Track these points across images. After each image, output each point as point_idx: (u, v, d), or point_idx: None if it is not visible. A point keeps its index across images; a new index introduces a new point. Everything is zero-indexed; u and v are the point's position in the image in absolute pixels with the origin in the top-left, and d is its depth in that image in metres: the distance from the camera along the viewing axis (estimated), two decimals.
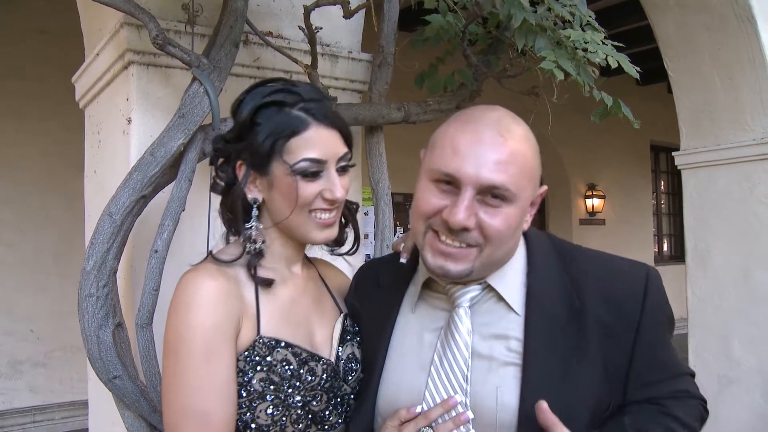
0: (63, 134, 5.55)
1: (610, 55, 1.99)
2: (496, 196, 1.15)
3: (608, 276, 1.26)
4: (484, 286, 1.27)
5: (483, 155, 1.14)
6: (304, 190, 1.30)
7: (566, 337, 1.19)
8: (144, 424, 1.79)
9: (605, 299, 1.22)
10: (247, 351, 1.26)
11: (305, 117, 1.31)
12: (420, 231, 1.22)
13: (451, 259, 1.17)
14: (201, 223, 1.88)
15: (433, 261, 1.19)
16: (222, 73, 1.84)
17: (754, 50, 3.67)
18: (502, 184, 1.13)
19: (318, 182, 1.31)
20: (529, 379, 1.16)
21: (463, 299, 1.26)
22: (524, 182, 1.17)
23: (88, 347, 1.70)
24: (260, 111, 1.32)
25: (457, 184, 1.15)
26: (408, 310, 1.36)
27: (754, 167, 3.75)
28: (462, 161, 1.14)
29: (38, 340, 5.86)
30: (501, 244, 1.18)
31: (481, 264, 1.18)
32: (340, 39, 2.36)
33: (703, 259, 3.98)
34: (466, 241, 1.16)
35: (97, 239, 1.70)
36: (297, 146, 1.30)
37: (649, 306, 1.22)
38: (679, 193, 5.18)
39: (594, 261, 1.30)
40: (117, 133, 2.10)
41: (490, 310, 1.26)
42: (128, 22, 1.91)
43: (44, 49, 5.78)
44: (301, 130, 1.30)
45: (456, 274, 1.19)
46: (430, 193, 1.19)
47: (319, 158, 1.30)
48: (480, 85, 2.31)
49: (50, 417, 5.88)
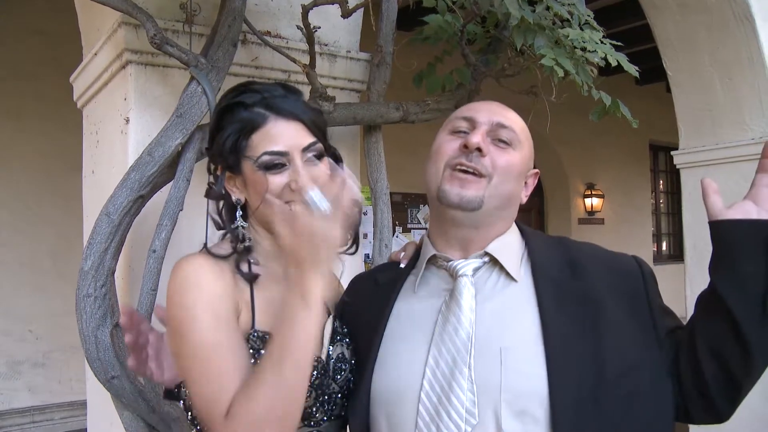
0: (61, 134, 5.53)
1: (609, 54, 1.99)
2: (503, 140, 1.34)
3: (602, 252, 1.41)
4: (485, 259, 1.34)
5: (493, 109, 1.38)
6: (270, 183, 1.33)
7: (574, 295, 1.27)
8: (142, 423, 1.79)
9: (608, 268, 1.33)
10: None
11: (263, 112, 1.35)
12: (439, 170, 1.35)
13: (467, 185, 1.31)
14: (199, 223, 1.87)
15: (450, 188, 1.31)
16: (220, 72, 1.84)
17: (752, 50, 3.67)
18: (509, 125, 1.35)
19: (284, 174, 1.34)
20: (550, 342, 1.21)
21: (465, 269, 1.33)
22: (524, 138, 1.38)
23: (86, 347, 1.70)
24: (224, 114, 1.37)
25: (473, 124, 1.35)
26: (409, 292, 1.41)
27: (752, 167, 3.67)
28: (477, 111, 1.38)
29: (37, 340, 5.86)
30: (507, 178, 1.33)
31: (489, 195, 1.31)
32: (339, 38, 2.35)
33: (701, 259, 3.98)
34: (478, 169, 1.30)
35: (95, 239, 1.70)
36: (258, 141, 1.34)
37: (646, 275, 1.34)
38: (678, 192, 5.20)
39: (587, 245, 1.44)
40: (115, 132, 2.10)
41: (492, 280, 1.33)
42: (126, 22, 1.90)
43: (42, 49, 5.76)
44: (259, 125, 1.34)
45: (471, 198, 1.30)
46: (448, 139, 1.37)
47: (279, 150, 1.33)
48: (478, 85, 2.31)
49: (49, 417, 5.87)
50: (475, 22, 2.27)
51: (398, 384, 1.29)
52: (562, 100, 2.15)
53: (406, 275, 1.45)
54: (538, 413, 1.17)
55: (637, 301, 1.29)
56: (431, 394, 1.23)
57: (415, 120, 2.30)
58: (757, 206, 1.23)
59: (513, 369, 1.20)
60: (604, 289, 1.28)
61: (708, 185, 1.28)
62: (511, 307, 1.29)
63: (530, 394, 1.18)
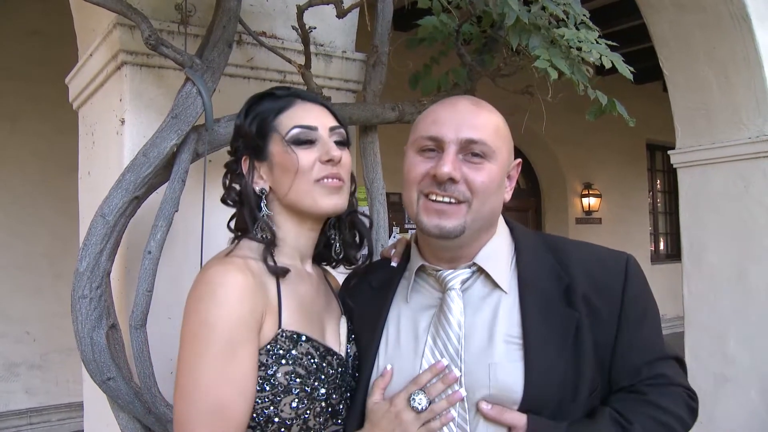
0: (56, 136, 5.53)
1: (604, 54, 1.99)
2: (476, 154, 1.25)
3: (591, 258, 1.34)
4: (474, 269, 1.32)
5: (460, 119, 1.27)
6: (302, 157, 1.34)
7: (559, 311, 1.25)
8: (138, 425, 1.78)
9: (589, 278, 1.28)
10: (269, 344, 1.27)
11: (290, 97, 1.40)
12: (413, 199, 1.29)
13: (445, 216, 1.25)
14: (194, 224, 1.87)
15: (428, 221, 1.26)
16: (215, 73, 1.84)
17: (748, 49, 3.67)
18: (480, 139, 1.25)
19: (314, 149, 1.36)
20: (530, 355, 1.21)
21: (454, 282, 1.31)
22: (499, 143, 1.28)
23: (81, 349, 1.69)
24: (252, 105, 1.42)
25: (440, 145, 1.26)
26: (401, 301, 1.40)
27: (748, 165, 3.76)
28: (442, 126, 1.27)
29: (34, 342, 5.85)
30: (486, 198, 1.26)
31: (472, 219, 1.26)
32: (334, 39, 2.35)
33: (698, 258, 3.99)
34: (455, 196, 1.24)
35: (90, 240, 1.69)
36: (286, 118, 1.37)
37: (630, 288, 1.28)
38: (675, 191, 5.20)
39: (576, 245, 1.39)
40: (110, 133, 2.09)
41: (480, 292, 1.31)
42: (121, 23, 1.90)
43: (37, 51, 5.75)
44: (287, 107, 1.38)
45: (451, 229, 1.25)
46: (416, 162, 1.29)
47: (309, 124, 1.36)
48: (474, 85, 2.31)
49: (47, 419, 5.86)
50: (471, 22, 2.27)
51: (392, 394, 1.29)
52: (558, 99, 2.15)
53: (398, 277, 1.45)
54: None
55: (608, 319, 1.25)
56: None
57: (411, 120, 2.29)
58: None
59: (500, 384, 1.21)
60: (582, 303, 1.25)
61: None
62: (498, 319, 1.27)
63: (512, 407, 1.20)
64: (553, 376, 1.20)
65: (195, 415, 1.19)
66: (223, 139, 1.88)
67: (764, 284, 3.66)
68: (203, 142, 1.85)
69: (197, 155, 1.85)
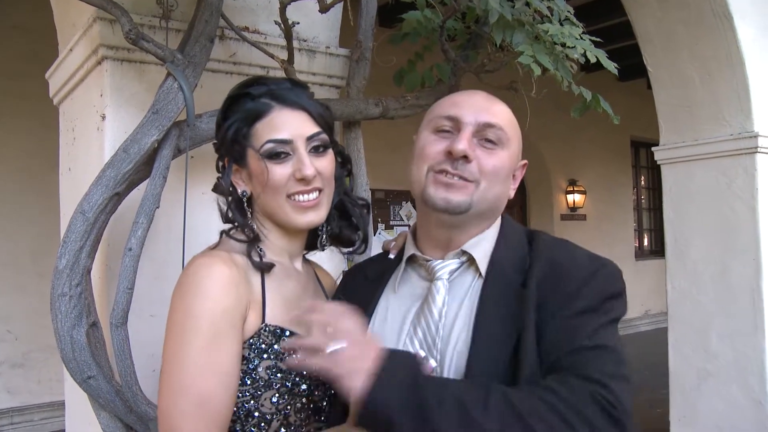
0: (40, 131, 5.46)
1: (588, 50, 1.99)
2: (490, 139, 1.29)
3: (562, 259, 1.27)
4: (463, 260, 1.33)
5: (479, 105, 1.32)
6: (274, 173, 1.33)
7: (514, 295, 1.24)
8: (120, 424, 1.77)
9: (552, 268, 1.24)
10: (252, 338, 1.27)
11: (268, 101, 1.35)
12: (422, 173, 1.31)
13: (453, 189, 1.27)
14: (176, 221, 1.85)
15: (436, 193, 1.28)
16: (197, 68, 1.82)
17: (731, 46, 3.70)
18: (497, 123, 1.30)
19: (288, 164, 1.34)
20: (476, 336, 1.21)
21: (443, 272, 1.32)
22: (512, 133, 1.34)
23: (61, 347, 1.67)
24: (230, 105, 1.38)
25: (458, 126, 1.29)
26: (390, 291, 1.41)
27: (731, 162, 3.79)
28: (461, 108, 1.31)
29: (16, 340, 5.78)
30: (494, 183, 1.30)
31: (478, 199, 1.28)
32: (318, 34, 2.34)
33: (682, 254, 4.01)
34: (465, 176, 1.27)
35: (70, 237, 1.67)
36: (261, 130, 1.34)
37: (593, 283, 1.20)
38: (658, 188, 5.23)
39: (559, 242, 1.35)
40: (91, 129, 2.07)
41: (466, 282, 1.32)
42: (101, 17, 1.88)
43: (20, 45, 5.68)
44: (263, 114, 1.34)
45: (458, 203, 1.27)
46: (431, 140, 1.32)
47: (283, 138, 1.33)
48: (458, 80, 2.30)
49: (29, 418, 5.80)
50: (455, 17, 2.27)
51: None
52: (542, 95, 2.14)
53: (392, 269, 1.46)
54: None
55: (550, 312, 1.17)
56: None
57: (395, 116, 2.29)
58: None
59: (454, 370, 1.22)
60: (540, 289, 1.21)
61: None
62: (472, 307, 1.26)
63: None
64: (496, 356, 1.17)
65: (179, 407, 1.18)
66: (205, 135, 1.86)
67: (746, 280, 3.69)
68: (185, 138, 1.83)
69: (179, 151, 1.83)
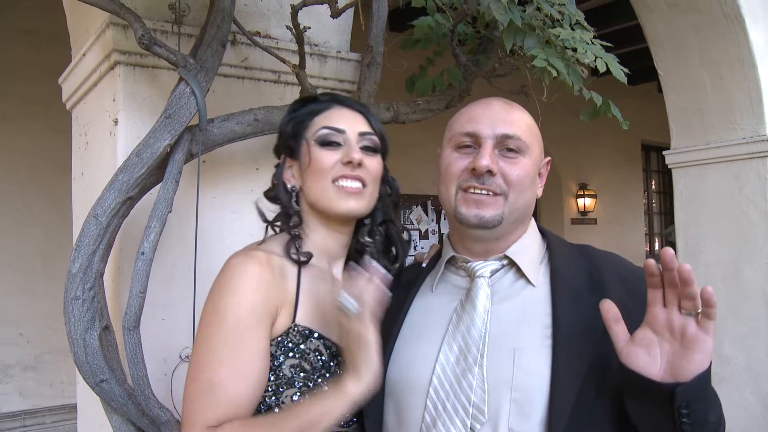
0: (50, 135, 5.50)
1: (599, 56, 1.99)
2: (511, 149, 1.32)
3: (620, 263, 1.38)
4: (504, 262, 1.36)
5: (495, 116, 1.34)
6: (323, 157, 1.39)
7: (591, 304, 1.21)
8: (132, 427, 1.77)
9: (622, 282, 1.29)
10: (281, 336, 1.30)
11: (329, 100, 1.46)
12: (451, 194, 1.35)
13: (484, 206, 1.31)
14: (188, 225, 1.86)
15: (467, 211, 1.31)
16: (209, 73, 1.83)
17: (742, 49, 3.68)
18: (515, 134, 1.32)
19: (338, 151, 1.40)
20: (559, 342, 1.21)
21: (483, 271, 1.35)
22: (532, 139, 1.36)
23: (74, 350, 1.68)
24: (295, 108, 1.49)
25: (477, 141, 1.33)
26: (427, 290, 1.44)
27: (743, 166, 3.77)
28: (478, 123, 1.34)
29: (28, 343, 5.81)
30: (522, 191, 1.33)
31: (509, 210, 1.31)
32: (329, 38, 2.34)
33: (693, 258, 3.99)
34: (492, 189, 1.30)
35: (83, 241, 1.68)
36: (318, 120, 1.42)
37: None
38: (670, 192, 5.21)
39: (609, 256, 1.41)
40: (104, 134, 2.08)
41: (509, 283, 1.34)
42: (114, 22, 1.89)
43: (30, 50, 5.72)
44: (323, 110, 1.43)
45: (490, 218, 1.30)
46: (454, 158, 1.36)
47: (337, 126, 1.40)
48: (469, 85, 2.30)
49: (41, 421, 5.83)
50: (466, 22, 2.27)
51: (409, 376, 1.31)
52: (553, 100, 2.14)
53: (426, 274, 1.49)
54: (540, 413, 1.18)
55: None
56: (440, 389, 1.25)
57: (406, 120, 2.29)
58: (656, 340, 1.11)
59: (524, 369, 1.21)
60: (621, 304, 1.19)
61: (607, 311, 1.14)
62: (526, 309, 1.29)
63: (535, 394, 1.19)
64: (581, 364, 1.19)
65: (191, 391, 1.24)
66: (217, 139, 1.87)
67: (758, 284, 3.67)
68: (197, 143, 1.84)
69: (191, 156, 1.84)
